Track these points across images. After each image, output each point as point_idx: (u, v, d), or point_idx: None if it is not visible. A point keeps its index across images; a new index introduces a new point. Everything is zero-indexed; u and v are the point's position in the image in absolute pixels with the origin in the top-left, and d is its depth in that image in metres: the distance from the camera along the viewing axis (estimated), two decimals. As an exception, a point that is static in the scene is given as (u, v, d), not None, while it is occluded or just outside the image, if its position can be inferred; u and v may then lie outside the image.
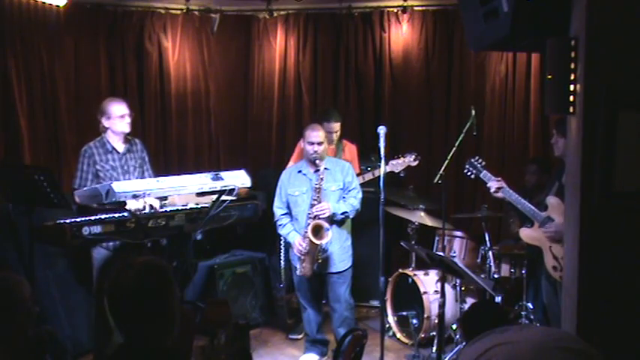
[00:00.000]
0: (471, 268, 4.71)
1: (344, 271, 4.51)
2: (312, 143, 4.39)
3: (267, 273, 5.50)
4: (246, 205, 4.83)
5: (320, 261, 4.39)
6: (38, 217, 3.95)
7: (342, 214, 4.43)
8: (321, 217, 4.31)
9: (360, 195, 4.52)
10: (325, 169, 4.40)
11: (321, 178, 4.34)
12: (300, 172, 4.52)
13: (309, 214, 4.34)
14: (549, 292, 4.02)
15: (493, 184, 4.25)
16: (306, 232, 4.34)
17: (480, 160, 4.44)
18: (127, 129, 4.41)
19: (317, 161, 4.36)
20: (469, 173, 4.48)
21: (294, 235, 4.47)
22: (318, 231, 4.32)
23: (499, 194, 4.24)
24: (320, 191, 4.33)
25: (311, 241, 4.30)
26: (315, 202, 4.32)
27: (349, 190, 4.50)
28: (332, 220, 4.40)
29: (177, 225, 4.28)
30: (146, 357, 2.05)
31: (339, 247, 4.48)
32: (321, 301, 4.75)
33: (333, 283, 4.51)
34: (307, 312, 4.65)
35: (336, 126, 5.10)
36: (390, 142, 4.64)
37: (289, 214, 4.55)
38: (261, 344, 4.99)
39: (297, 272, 4.50)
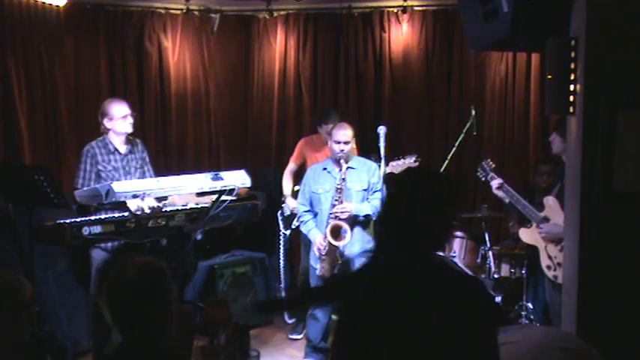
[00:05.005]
0: (471, 268, 4.72)
1: None
2: (339, 142, 4.28)
3: (267, 273, 5.50)
4: (246, 205, 4.84)
5: (340, 262, 4.28)
6: (38, 217, 3.95)
7: (365, 216, 4.32)
8: (342, 217, 4.22)
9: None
10: (350, 168, 4.31)
11: (343, 179, 4.26)
12: (325, 169, 4.43)
13: (331, 214, 4.26)
14: (550, 289, 4.04)
15: (495, 182, 4.32)
16: (326, 232, 4.25)
17: (490, 163, 4.48)
18: (130, 129, 4.38)
19: (341, 161, 4.28)
20: (480, 176, 4.51)
21: (315, 233, 4.37)
22: (337, 232, 4.23)
23: (500, 192, 4.29)
24: (342, 191, 4.24)
25: (330, 242, 4.22)
26: (337, 203, 4.23)
27: (374, 192, 4.37)
28: (354, 221, 4.30)
29: (177, 225, 4.28)
30: (145, 357, 2.05)
31: (359, 249, 4.36)
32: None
33: None
34: (316, 316, 4.51)
35: None
36: (390, 142, 4.63)
37: (312, 211, 4.46)
38: (261, 344, 4.98)
39: (317, 272, 4.38)
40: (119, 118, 4.32)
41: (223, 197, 4.22)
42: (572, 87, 2.86)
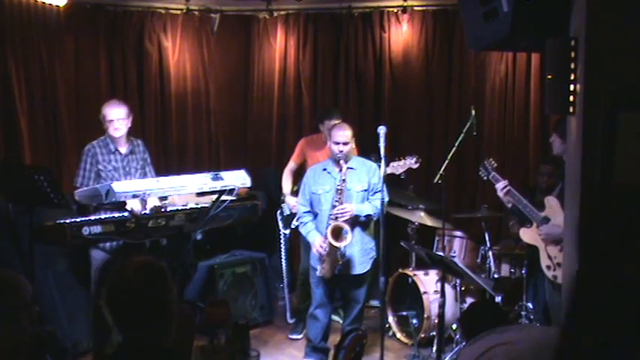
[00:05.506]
0: (471, 268, 4.71)
1: (363, 273, 4.39)
2: (338, 143, 4.28)
3: (267, 273, 5.50)
4: (246, 205, 4.84)
5: (340, 263, 4.26)
6: (38, 217, 3.95)
7: (366, 216, 4.31)
8: (342, 219, 4.20)
9: (387, 198, 4.29)
10: (350, 168, 4.30)
11: (343, 180, 4.24)
12: (325, 169, 4.42)
13: (331, 215, 4.24)
14: (550, 289, 4.04)
15: (500, 185, 4.29)
16: (326, 233, 4.23)
17: (493, 162, 4.47)
18: (116, 134, 4.38)
19: (341, 162, 4.26)
20: (482, 175, 4.50)
21: (314, 234, 4.35)
22: (337, 233, 4.21)
23: (507, 198, 4.26)
24: (342, 192, 4.22)
25: (330, 243, 4.20)
26: (337, 204, 4.21)
27: (375, 192, 4.35)
28: (355, 221, 4.28)
29: (177, 225, 4.28)
30: (145, 357, 2.05)
31: (359, 250, 4.35)
32: (332, 305, 4.63)
33: (352, 286, 4.42)
34: (316, 316, 4.49)
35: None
36: (390, 142, 4.63)
37: (312, 211, 4.45)
38: (261, 344, 4.99)
39: (317, 273, 4.36)
40: (107, 121, 4.36)
41: (223, 197, 4.22)
42: (572, 87, 2.85)
